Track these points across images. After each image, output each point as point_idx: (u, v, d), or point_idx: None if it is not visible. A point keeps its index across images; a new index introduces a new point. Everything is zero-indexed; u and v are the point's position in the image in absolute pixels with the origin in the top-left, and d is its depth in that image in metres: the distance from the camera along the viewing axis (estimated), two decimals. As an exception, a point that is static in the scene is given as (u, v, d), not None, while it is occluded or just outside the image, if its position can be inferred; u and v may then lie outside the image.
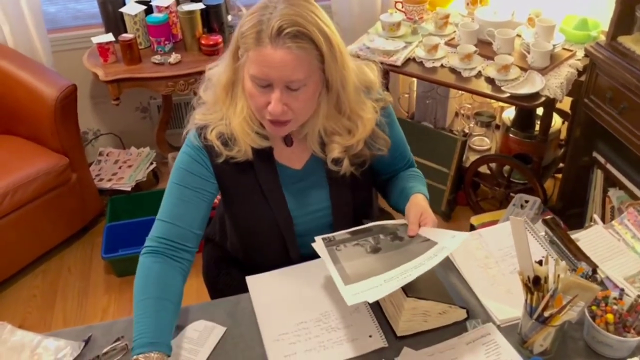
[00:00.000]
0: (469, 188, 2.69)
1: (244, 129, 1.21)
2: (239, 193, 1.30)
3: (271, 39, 1.08)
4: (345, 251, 1.22)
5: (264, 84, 1.13)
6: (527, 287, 1.10)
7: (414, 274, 1.10)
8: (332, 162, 1.27)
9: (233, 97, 1.21)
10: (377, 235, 1.26)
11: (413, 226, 1.24)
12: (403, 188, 1.36)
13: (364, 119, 1.24)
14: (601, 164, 2.27)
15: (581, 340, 1.17)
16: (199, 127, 1.25)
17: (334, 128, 1.24)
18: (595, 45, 2.07)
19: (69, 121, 2.47)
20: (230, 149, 1.23)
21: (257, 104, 1.16)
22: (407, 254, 1.19)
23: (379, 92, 1.30)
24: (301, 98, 1.14)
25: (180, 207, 1.25)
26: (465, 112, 2.80)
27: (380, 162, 1.35)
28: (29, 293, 2.46)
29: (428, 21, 2.59)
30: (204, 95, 1.26)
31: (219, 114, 1.23)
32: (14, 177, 2.33)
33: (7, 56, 2.50)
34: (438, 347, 1.16)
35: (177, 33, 2.65)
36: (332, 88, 1.18)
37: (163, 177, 3.04)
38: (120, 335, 1.20)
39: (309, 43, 1.09)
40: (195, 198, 1.26)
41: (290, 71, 1.10)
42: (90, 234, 2.74)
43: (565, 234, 1.38)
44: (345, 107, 1.22)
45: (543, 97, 2.13)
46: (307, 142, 1.27)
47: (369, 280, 1.13)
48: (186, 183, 1.26)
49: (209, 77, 1.25)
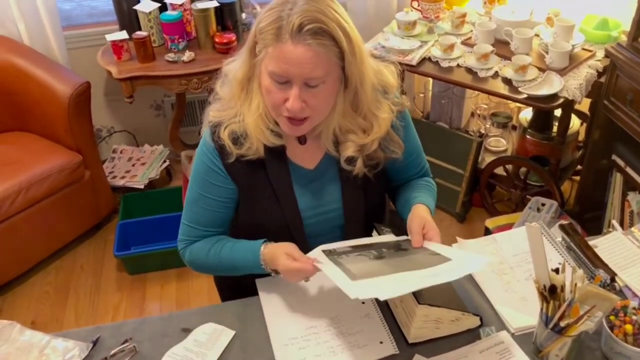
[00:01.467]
0: (484, 190, 2.65)
1: (258, 125, 1.20)
2: (249, 191, 1.29)
3: (291, 35, 1.06)
4: (347, 259, 1.19)
5: (282, 80, 1.11)
6: (542, 296, 1.07)
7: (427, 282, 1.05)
8: (345, 161, 1.25)
9: (248, 93, 1.20)
10: (380, 249, 1.23)
11: (417, 237, 1.21)
12: (408, 198, 1.34)
13: (379, 118, 1.22)
14: (620, 167, 2.22)
15: (598, 350, 1.14)
16: (213, 124, 1.25)
17: (349, 126, 1.22)
18: (616, 46, 2.03)
19: (83, 118, 2.48)
20: (240, 147, 1.22)
21: (274, 100, 1.14)
22: (414, 262, 1.15)
23: (396, 96, 1.27)
24: (320, 95, 1.13)
25: (205, 215, 1.31)
26: (481, 113, 2.76)
27: (394, 167, 1.33)
28: (42, 290, 2.47)
29: (444, 20, 2.56)
30: (220, 90, 1.25)
31: (233, 110, 1.22)
32: (28, 174, 2.34)
33: (22, 53, 2.51)
34: (450, 355, 1.13)
35: (191, 31, 2.64)
36: (351, 85, 1.16)
37: (176, 175, 3.04)
38: (128, 337, 1.19)
39: (329, 40, 1.08)
40: (220, 206, 1.30)
41: (309, 68, 1.08)
42: (103, 232, 2.75)
43: (582, 240, 1.34)
44: (362, 105, 1.20)
45: (561, 98, 2.09)
46: (321, 140, 1.26)
47: (378, 278, 1.09)
48: (208, 193, 1.28)
49: (225, 73, 1.24)
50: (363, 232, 1.32)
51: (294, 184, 1.28)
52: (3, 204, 2.25)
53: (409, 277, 1.09)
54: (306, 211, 1.30)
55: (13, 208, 2.29)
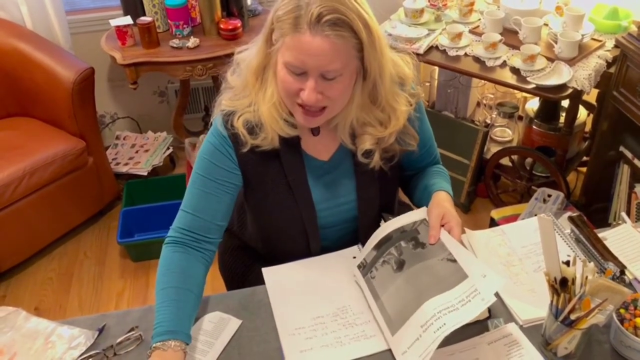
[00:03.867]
0: (490, 180, 2.64)
1: (272, 115, 1.17)
2: (263, 182, 1.27)
3: (310, 26, 1.03)
4: (378, 277, 1.19)
5: (298, 71, 1.09)
6: (553, 289, 1.06)
7: (448, 324, 1.05)
8: (362, 155, 1.23)
9: (263, 82, 1.17)
10: (398, 244, 1.22)
11: (434, 232, 1.19)
12: (426, 185, 1.32)
13: (397, 111, 1.20)
14: (628, 158, 2.20)
15: (607, 343, 1.13)
16: (225, 113, 1.21)
17: (367, 119, 1.20)
18: (627, 36, 2.00)
19: (86, 104, 2.46)
20: (256, 137, 1.19)
21: (289, 90, 1.12)
22: (433, 275, 1.13)
23: (413, 87, 1.25)
24: (336, 87, 1.10)
25: (203, 199, 1.23)
26: (487, 103, 2.74)
27: (408, 158, 1.32)
28: (45, 276, 2.47)
29: (452, 8, 2.53)
30: (232, 80, 1.22)
31: (247, 99, 1.20)
32: (31, 160, 2.32)
33: (25, 38, 2.49)
34: (458, 346, 1.13)
35: (195, 17, 2.61)
36: (370, 77, 1.14)
37: (180, 162, 3.03)
38: (134, 325, 1.18)
39: (348, 31, 1.05)
40: (219, 190, 1.23)
41: (327, 60, 1.06)
42: (106, 218, 2.74)
43: (592, 232, 1.33)
44: (380, 97, 1.17)
45: (570, 88, 2.06)
46: (336, 132, 1.23)
47: (409, 329, 1.09)
48: (210, 175, 1.23)
49: (237, 62, 1.22)
50: (376, 224, 1.31)
51: (308, 175, 1.26)
52: (7, 190, 2.24)
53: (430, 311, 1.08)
54: (320, 203, 1.28)
55: (17, 194, 2.28)
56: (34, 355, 1.13)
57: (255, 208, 1.34)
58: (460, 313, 1.06)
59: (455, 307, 1.07)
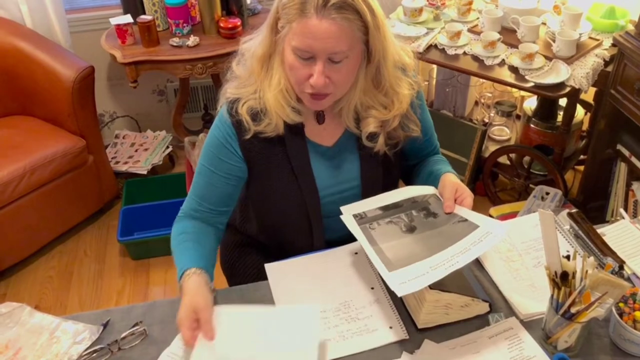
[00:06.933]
0: (488, 178, 2.65)
1: (279, 101, 1.20)
2: (267, 169, 1.29)
3: (316, 10, 1.07)
4: (379, 230, 1.20)
5: (306, 56, 1.11)
6: (554, 283, 1.08)
7: (461, 261, 1.08)
8: (367, 138, 1.26)
9: (269, 70, 1.20)
10: (409, 212, 1.24)
11: (449, 202, 1.22)
12: (431, 171, 1.36)
13: (400, 94, 1.23)
14: (625, 156, 2.22)
15: (606, 337, 1.14)
16: (231, 101, 1.24)
17: (370, 103, 1.23)
18: (625, 35, 2.02)
19: (86, 103, 2.47)
20: (259, 123, 1.22)
21: (298, 76, 1.14)
22: (445, 236, 1.17)
23: (414, 75, 1.29)
24: (343, 70, 1.14)
25: (209, 190, 1.29)
26: (485, 101, 2.75)
27: (411, 146, 1.35)
28: (45, 274, 2.47)
29: (451, 7, 2.55)
30: (237, 69, 1.25)
31: (252, 87, 1.23)
32: (32, 158, 2.33)
33: (25, 36, 2.49)
34: (460, 341, 1.14)
35: (195, 15, 2.62)
36: (374, 60, 1.17)
37: (179, 161, 3.04)
38: (138, 320, 1.19)
39: (353, 14, 1.08)
40: (224, 184, 1.28)
41: (334, 42, 1.09)
42: (106, 217, 2.75)
43: (591, 228, 1.34)
44: (383, 80, 1.21)
45: (568, 87, 2.08)
46: (341, 117, 1.26)
47: (413, 267, 1.10)
48: (215, 168, 1.27)
49: (242, 52, 1.25)
50: None
51: (312, 161, 1.28)
52: (7, 188, 2.24)
53: (444, 258, 1.10)
54: (324, 189, 1.30)
55: (17, 192, 2.28)
56: (39, 350, 1.13)
57: (260, 197, 1.36)
58: (471, 251, 1.10)
59: (468, 249, 1.11)
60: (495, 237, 1.12)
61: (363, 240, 1.17)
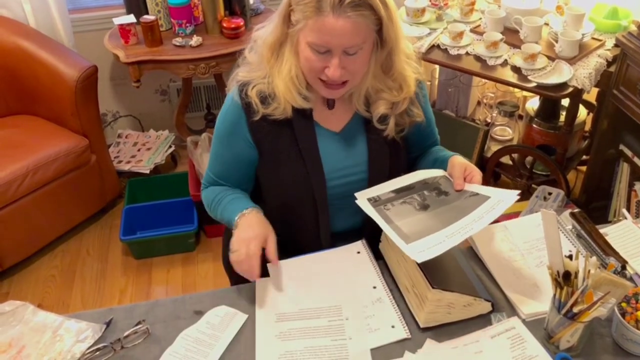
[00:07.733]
0: (490, 178, 2.65)
1: (288, 88, 1.24)
2: (275, 151, 1.31)
3: (333, 8, 1.10)
4: (394, 210, 1.23)
5: (322, 50, 1.15)
6: (556, 282, 1.08)
7: (475, 227, 1.12)
8: (378, 120, 1.30)
9: (280, 57, 1.24)
10: (421, 192, 1.27)
11: (459, 180, 1.26)
12: (436, 158, 1.40)
13: (408, 77, 1.28)
14: (628, 157, 2.22)
15: (609, 337, 1.14)
16: (241, 84, 1.28)
17: (379, 86, 1.27)
18: (627, 35, 2.02)
19: (89, 102, 2.48)
20: (267, 107, 1.25)
21: (313, 68, 1.19)
22: (458, 209, 1.20)
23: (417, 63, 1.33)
24: (358, 61, 1.18)
25: (225, 170, 1.37)
26: (488, 102, 2.75)
27: (414, 135, 1.38)
28: (48, 273, 2.48)
29: (453, 7, 2.54)
30: (249, 56, 1.29)
31: (263, 72, 1.26)
32: (35, 157, 2.34)
33: (29, 36, 2.50)
34: (462, 340, 1.14)
35: (198, 15, 2.63)
36: (386, 46, 1.21)
37: (182, 160, 3.04)
38: (141, 319, 1.19)
39: (368, 9, 1.12)
40: (237, 166, 1.35)
41: (349, 38, 1.13)
42: (108, 216, 2.76)
43: (593, 228, 1.35)
44: (393, 65, 1.25)
45: (571, 87, 2.08)
46: (352, 102, 1.30)
47: (430, 237, 1.14)
48: (227, 152, 1.34)
49: (255, 39, 1.29)
50: None
51: (320, 144, 1.30)
52: (10, 187, 2.25)
53: (459, 227, 1.15)
54: (330, 173, 1.32)
55: (20, 191, 2.29)
56: (42, 349, 1.14)
57: (268, 181, 1.38)
58: (485, 218, 1.15)
59: (482, 217, 1.15)
60: (506, 203, 1.16)
61: (379, 220, 1.20)
